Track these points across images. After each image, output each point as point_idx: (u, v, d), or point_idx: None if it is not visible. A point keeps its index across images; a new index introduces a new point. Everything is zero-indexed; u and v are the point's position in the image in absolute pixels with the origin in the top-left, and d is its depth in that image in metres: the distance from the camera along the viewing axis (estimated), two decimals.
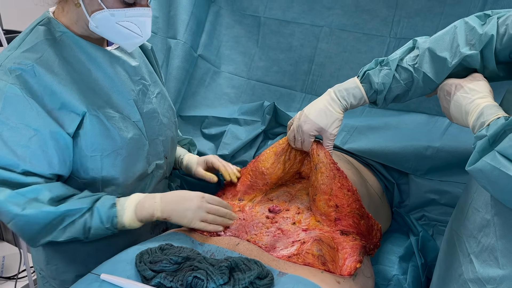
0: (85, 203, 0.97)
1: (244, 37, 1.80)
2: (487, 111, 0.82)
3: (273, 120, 1.61)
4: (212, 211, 1.03)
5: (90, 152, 1.00)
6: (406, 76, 1.03)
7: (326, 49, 1.67)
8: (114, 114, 1.03)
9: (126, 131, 1.04)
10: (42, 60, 0.95)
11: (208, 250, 0.97)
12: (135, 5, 0.97)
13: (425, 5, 1.48)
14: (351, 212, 1.07)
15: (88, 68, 1.02)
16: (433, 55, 0.99)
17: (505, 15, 0.93)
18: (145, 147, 1.10)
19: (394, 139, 1.40)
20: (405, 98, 1.07)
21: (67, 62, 0.99)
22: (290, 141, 1.18)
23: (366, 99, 1.09)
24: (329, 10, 1.65)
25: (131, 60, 1.11)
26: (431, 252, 1.27)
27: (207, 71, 1.79)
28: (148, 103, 1.13)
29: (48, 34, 0.99)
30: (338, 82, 1.66)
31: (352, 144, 1.44)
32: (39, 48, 0.96)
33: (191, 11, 1.70)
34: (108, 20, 0.96)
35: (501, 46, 0.92)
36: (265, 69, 1.77)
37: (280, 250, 1.00)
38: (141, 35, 1.01)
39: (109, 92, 1.04)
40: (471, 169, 0.78)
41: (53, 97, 0.95)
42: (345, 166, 1.27)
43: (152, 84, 1.16)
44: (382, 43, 1.57)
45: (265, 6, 1.75)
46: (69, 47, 1.00)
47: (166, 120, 1.18)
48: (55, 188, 0.96)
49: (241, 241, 1.00)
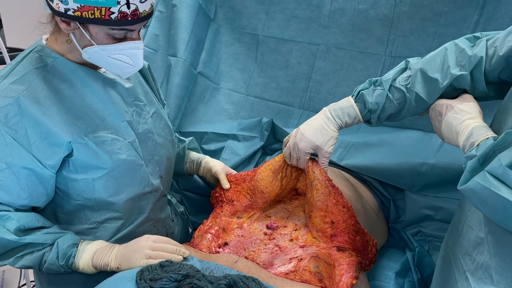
0: (49, 239, 1.00)
1: (243, 54, 1.84)
2: (477, 132, 0.85)
3: (271, 136, 1.64)
4: (157, 248, 1.00)
5: (81, 176, 1.03)
6: (399, 96, 1.06)
7: (323, 66, 1.71)
8: (106, 137, 1.05)
9: (119, 153, 1.06)
10: (28, 91, 0.97)
11: (207, 267, 0.99)
12: (126, 39, 0.98)
13: (419, 25, 1.52)
14: (346, 228, 1.09)
15: (81, 93, 1.04)
16: (425, 76, 1.02)
17: (493, 37, 0.96)
18: (141, 167, 1.12)
19: (390, 156, 1.43)
20: (398, 117, 1.10)
21: (57, 90, 1.01)
22: (286, 158, 1.21)
23: (361, 118, 1.12)
24: (325, 29, 1.69)
25: (125, 82, 1.13)
26: (427, 267, 1.29)
27: (207, 87, 1.82)
28: (143, 123, 1.14)
29: (39, 62, 1.01)
30: (335, 99, 1.70)
31: (349, 160, 1.46)
32: (27, 78, 0.98)
33: (191, 30, 1.74)
34: (100, 54, 0.98)
35: (490, 67, 0.95)
36: (263, 85, 1.80)
37: (277, 267, 1.02)
38: (134, 65, 1.02)
39: (103, 115, 1.06)
40: (463, 188, 0.80)
41: (37, 128, 0.97)
42: (341, 182, 1.30)
43: (147, 104, 1.18)
44: (378, 61, 1.61)
45: (263, 25, 1.80)
46: (61, 73, 1.02)
47: (161, 139, 1.20)
48: (24, 218, 0.98)
49: (240, 258, 1.02)
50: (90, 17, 0.91)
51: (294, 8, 1.74)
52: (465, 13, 1.43)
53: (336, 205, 1.10)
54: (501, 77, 0.95)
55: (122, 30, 0.95)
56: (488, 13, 1.38)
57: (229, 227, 1.16)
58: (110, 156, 1.04)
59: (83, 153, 1.01)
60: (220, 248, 1.09)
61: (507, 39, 0.91)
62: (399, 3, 1.54)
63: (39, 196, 1.01)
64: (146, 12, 0.96)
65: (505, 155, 0.74)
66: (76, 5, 0.90)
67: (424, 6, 1.50)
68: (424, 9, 1.50)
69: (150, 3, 0.96)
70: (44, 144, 0.98)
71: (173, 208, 1.36)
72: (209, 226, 1.16)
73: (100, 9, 0.90)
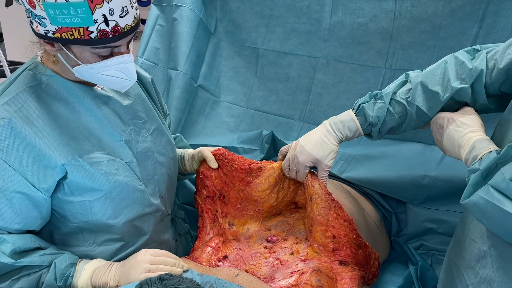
0: (46, 261, 0.97)
1: (243, 68, 1.85)
2: (479, 145, 0.84)
3: (271, 148, 1.64)
4: (156, 262, 0.98)
5: (77, 198, 1.00)
6: (399, 109, 1.06)
7: (323, 79, 1.71)
8: (102, 158, 1.01)
9: (116, 174, 1.03)
10: (21, 112, 0.94)
11: (207, 281, 0.97)
12: (114, 55, 0.94)
13: (418, 38, 1.53)
14: (348, 242, 1.08)
15: (77, 111, 1.01)
16: (425, 89, 1.02)
17: (493, 50, 0.96)
18: (139, 187, 1.08)
19: (391, 168, 1.42)
20: (399, 131, 1.10)
21: (50, 109, 0.98)
22: (284, 170, 1.19)
23: (361, 132, 1.11)
24: (325, 42, 1.70)
25: (123, 99, 1.09)
26: (430, 281, 1.27)
27: (207, 100, 1.83)
28: (142, 142, 1.11)
29: (33, 81, 0.98)
30: (335, 111, 1.70)
31: (350, 173, 1.46)
32: (20, 98, 0.95)
33: (192, 43, 1.75)
34: (89, 72, 0.94)
35: (491, 80, 0.95)
36: (263, 98, 1.80)
37: (279, 281, 1.01)
38: (128, 79, 0.98)
39: (99, 134, 1.03)
40: (466, 202, 0.79)
41: (30, 150, 0.94)
42: (341, 195, 1.29)
43: (148, 120, 1.14)
44: (378, 74, 1.61)
45: (263, 38, 1.81)
46: (56, 91, 0.99)
47: (162, 158, 1.16)
48: (20, 240, 0.96)
49: (240, 272, 1.00)
50: (70, 38, 0.87)
51: (294, 22, 1.75)
52: (464, 26, 1.44)
53: (337, 219, 1.09)
54: (502, 90, 0.95)
55: (106, 48, 0.91)
56: (487, 26, 1.39)
57: (226, 239, 1.14)
58: (106, 177, 1.01)
59: (78, 175, 0.98)
60: (220, 261, 1.07)
61: (507, 51, 0.91)
62: (398, 17, 1.55)
63: (33, 220, 0.98)
64: (129, 26, 0.91)
65: (508, 169, 0.74)
66: (53, 27, 0.86)
67: (424, 20, 1.51)
68: (424, 23, 1.51)
69: (133, 15, 0.91)
70: (37, 167, 0.95)
71: (178, 227, 1.32)
72: (210, 238, 1.15)
73: (77, 29, 0.86)
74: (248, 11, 1.81)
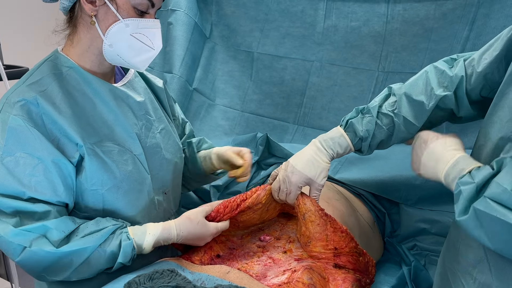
0: (91, 242, 0.97)
1: (238, 71, 1.87)
2: (464, 161, 0.83)
3: (266, 151, 1.64)
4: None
5: (91, 185, 1.01)
6: (387, 122, 1.06)
7: (317, 82, 1.73)
8: (113, 148, 1.04)
9: (125, 164, 1.05)
10: (45, 93, 0.98)
11: (198, 278, 0.97)
12: (145, 16, 1.01)
13: (411, 41, 1.55)
14: (350, 251, 1.06)
15: (93, 102, 1.04)
16: (410, 99, 1.03)
17: (470, 57, 0.98)
18: (146, 180, 1.10)
19: (384, 169, 1.42)
20: (388, 144, 1.10)
21: (71, 96, 1.02)
22: (273, 192, 1.13)
23: (352, 147, 1.10)
24: (319, 45, 1.72)
25: (136, 96, 1.13)
26: (423, 282, 1.27)
27: (202, 104, 1.84)
28: (152, 137, 1.14)
29: (55, 69, 1.03)
30: (329, 114, 1.72)
31: (343, 174, 1.46)
32: (44, 82, 1.00)
33: (187, 47, 1.77)
34: (123, 32, 0.99)
35: (471, 86, 0.96)
36: (258, 102, 1.82)
37: (271, 279, 1.00)
38: (153, 48, 1.04)
39: (112, 125, 1.06)
40: (463, 220, 0.75)
41: (56, 125, 0.98)
42: (334, 196, 1.29)
43: (156, 120, 1.17)
44: (371, 77, 1.63)
45: (258, 42, 1.83)
46: (76, 81, 1.03)
47: (169, 155, 1.18)
48: (62, 224, 0.96)
49: (232, 269, 1.00)
50: None
51: (288, 26, 1.77)
52: (455, 29, 1.46)
53: (335, 233, 1.06)
54: (483, 95, 0.95)
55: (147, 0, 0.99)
56: (478, 28, 1.41)
57: (218, 238, 1.14)
58: (117, 165, 1.04)
59: (93, 160, 1.01)
60: (213, 260, 1.07)
61: (483, 56, 0.93)
62: (391, 20, 1.57)
63: (72, 191, 1.00)
64: None
65: (505, 179, 0.71)
66: None
67: (416, 23, 1.53)
68: (416, 26, 1.54)
69: None
70: (63, 141, 0.98)
71: None
72: None
73: None
74: (243, 16, 1.84)
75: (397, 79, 1.59)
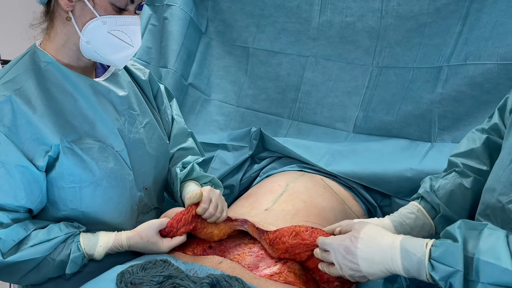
0: (39, 253, 0.97)
1: (233, 67, 1.87)
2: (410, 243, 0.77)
3: (260, 145, 1.65)
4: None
5: (68, 183, 1.00)
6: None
7: (312, 78, 1.73)
8: (93, 145, 1.02)
9: (105, 161, 1.04)
10: (20, 91, 0.96)
11: (191, 268, 0.98)
12: (123, 13, 0.98)
13: (404, 36, 1.56)
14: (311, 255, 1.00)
15: (73, 97, 1.02)
16: None
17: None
18: (129, 177, 1.09)
19: (376, 162, 1.43)
20: None
21: (49, 92, 1.00)
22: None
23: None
24: (314, 41, 1.73)
25: (118, 91, 1.11)
26: None
27: (198, 99, 1.85)
28: (135, 133, 1.12)
29: (32, 64, 1.00)
30: (324, 109, 1.73)
31: (335, 166, 1.47)
32: (20, 79, 0.97)
33: (182, 42, 1.78)
34: (100, 30, 0.97)
35: None
36: (253, 97, 1.83)
37: (262, 269, 1.01)
38: (132, 45, 1.02)
39: (93, 121, 1.04)
40: None
41: (28, 127, 0.96)
42: (317, 192, 1.29)
43: (141, 114, 1.16)
44: (365, 72, 1.64)
45: (253, 38, 1.83)
46: (54, 76, 1.01)
47: (153, 151, 1.17)
48: (12, 233, 0.95)
49: (224, 259, 1.01)
50: None
51: (283, 22, 1.78)
52: (448, 23, 1.47)
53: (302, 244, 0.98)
54: None
55: None
56: (471, 23, 1.42)
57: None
58: (96, 163, 1.02)
59: (69, 159, 0.99)
60: (205, 251, 1.08)
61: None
62: (385, 15, 1.58)
63: (35, 197, 0.98)
64: None
65: (493, 255, 0.66)
66: None
67: (409, 18, 1.54)
68: (409, 21, 1.54)
69: None
70: (34, 143, 0.96)
71: None
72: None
73: None
74: (239, 11, 1.84)
75: (391, 74, 1.60)
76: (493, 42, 1.36)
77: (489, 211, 0.81)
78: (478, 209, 0.86)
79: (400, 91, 1.57)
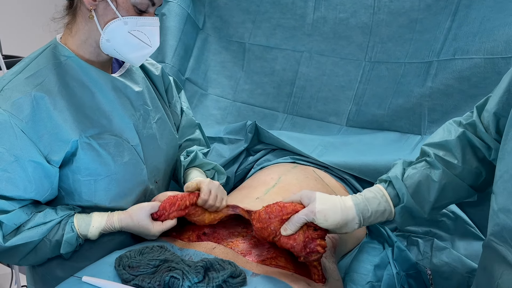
0: (36, 235, 1.00)
1: (230, 62, 1.91)
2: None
3: (255, 138, 1.69)
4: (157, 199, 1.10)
5: (84, 176, 1.03)
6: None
7: (306, 72, 1.78)
8: (109, 140, 1.05)
9: (121, 156, 1.06)
10: (42, 86, 0.98)
11: (186, 254, 1.02)
12: (144, 14, 1.01)
13: (396, 32, 1.60)
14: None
15: (92, 92, 1.05)
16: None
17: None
18: (143, 171, 1.12)
19: (368, 153, 1.48)
20: None
21: (69, 87, 1.02)
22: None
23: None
24: (309, 36, 1.77)
25: (134, 86, 1.14)
26: (405, 262, 1.32)
27: (195, 93, 1.89)
28: (149, 128, 1.15)
29: (53, 59, 1.03)
30: (318, 103, 1.77)
31: (328, 157, 1.51)
32: (41, 74, 0.99)
33: (179, 38, 1.81)
34: (121, 30, 0.99)
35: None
36: (249, 91, 1.87)
37: (255, 255, 1.06)
38: (150, 45, 1.04)
39: (110, 115, 1.07)
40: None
41: (48, 122, 0.98)
42: (308, 184, 1.33)
43: (153, 109, 1.18)
44: (358, 67, 1.68)
45: (250, 34, 1.87)
46: (74, 71, 1.03)
47: (164, 145, 1.20)
48: (14, 217, 0.98)
49: (218, 245, 1.05)
50: None
51: (279, 18, 1.82)
52: (438, 19, 1.51)
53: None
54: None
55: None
56: (460, 19, 1.46)
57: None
58: (113, 157, 1.05)
59: (87, 153, 1.02)
60: (199, 237, 1.12)
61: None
62: (377, 12, 1.62)
63: (44, 190, 1.01)
64: None
65: None
66: None
67: (401, 14, 1.58)
68: (401, 17, 1.58)
69: None
70: (51, 138, 0.98)
71: None
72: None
73: None
74: (235, 7, 1.88)
75: (383, 69, 1.64)
76: (480, 37, 1.40)
77: (506, 233, 0.77)
78: (491, 230, 0.81)
79: (391, 85, 1.61)
